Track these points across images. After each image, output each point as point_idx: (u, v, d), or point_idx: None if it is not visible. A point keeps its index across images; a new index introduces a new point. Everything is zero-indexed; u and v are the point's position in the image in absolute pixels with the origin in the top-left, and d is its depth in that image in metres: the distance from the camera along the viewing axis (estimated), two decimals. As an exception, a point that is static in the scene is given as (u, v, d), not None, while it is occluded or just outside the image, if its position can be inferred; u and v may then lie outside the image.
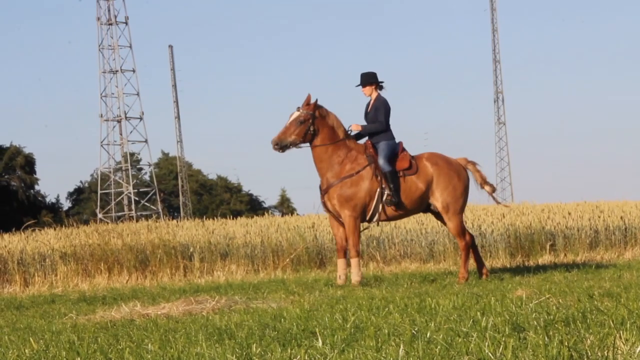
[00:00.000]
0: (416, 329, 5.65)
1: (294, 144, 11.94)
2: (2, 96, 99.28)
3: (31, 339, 6.79)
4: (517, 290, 8.63)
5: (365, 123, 12.23)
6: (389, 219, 12.31)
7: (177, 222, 23.41)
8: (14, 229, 21.66)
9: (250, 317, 7.48)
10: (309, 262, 17.98)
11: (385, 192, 11.93)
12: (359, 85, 12.26)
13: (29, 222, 21.10)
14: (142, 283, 16.47)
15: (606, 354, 4.50)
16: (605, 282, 9.93)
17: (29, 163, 65.89)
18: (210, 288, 12.72)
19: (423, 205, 12.30)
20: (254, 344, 5.55)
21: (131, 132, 65.39)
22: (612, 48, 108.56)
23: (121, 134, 65.37)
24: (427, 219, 21.28)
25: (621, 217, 21.33)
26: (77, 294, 13.49)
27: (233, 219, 24.44)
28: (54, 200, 69.70)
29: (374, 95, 12.26)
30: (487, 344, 4.82)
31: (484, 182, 12.60)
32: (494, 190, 12.68)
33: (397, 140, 12.20)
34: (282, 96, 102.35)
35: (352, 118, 12.43)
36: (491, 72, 75.50)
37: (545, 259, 18.45)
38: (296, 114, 11.95)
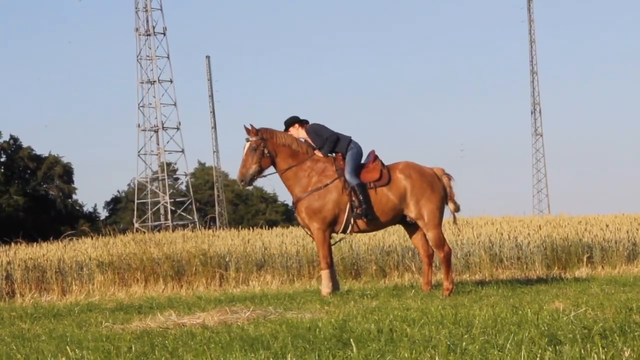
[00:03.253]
0: (452, 341, 5.62)
1: (258, 174, 12.00)
2: (40, 107, 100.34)
3: (67, 348, 6.84)
4: (554, 303, 8.56)
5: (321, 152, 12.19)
6: (363, 231, 12.23)
7: (213, 231, 23.49)
8: (52, 238, 21.86)
9: (285, 327, 7.48)
10: (344, 272, 17.96)
11: (355, 206, 11.80)
12: (287, 130, 12.31)
13: (67, 232, 21.29)
14: (178, 292, 16.53)
15: (644, 368, 4.45)
16: (643, 295, 9.83)
17: (67, 172, 66.40)
18: (245, 298, 12.73)
19: (397, 217, 12.10)
20: (289, 354, 5.55)
21: (168, 142, 65.72)
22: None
23: (158, 144, 65.73)
24: (463, 229, 21.19)
25: (660, 230, 21.07)
26: (114, 302, 13.55)
27: (269, 229, 24.49)
28: (91, 210, 70.19)
29: (302, 131, 12.31)
30: (523, 356, 4.79)
31: (450, 198, 12.23)
32: (457, 209, 12.32)
33: (363, 146, 12.09)
34: (318, 107, 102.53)
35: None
36: (528, 84, 75.17)
37: (582, 271, 18.30)
38: (247, 144, 12.03)
